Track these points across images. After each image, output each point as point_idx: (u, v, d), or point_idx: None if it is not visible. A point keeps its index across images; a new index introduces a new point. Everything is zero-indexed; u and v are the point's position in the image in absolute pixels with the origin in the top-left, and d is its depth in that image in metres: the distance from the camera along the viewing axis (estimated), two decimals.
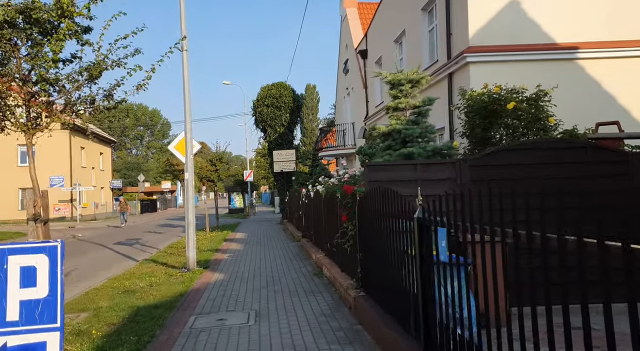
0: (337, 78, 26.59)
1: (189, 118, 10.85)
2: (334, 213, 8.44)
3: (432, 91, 11.77)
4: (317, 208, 11.34)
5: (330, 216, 8.99)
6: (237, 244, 15.87)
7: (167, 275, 10.40)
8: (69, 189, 37.19)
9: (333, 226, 8.70)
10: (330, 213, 8.96)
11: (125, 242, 20.59)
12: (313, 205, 12.06)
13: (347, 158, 24.20)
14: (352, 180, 10.22)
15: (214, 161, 23.75)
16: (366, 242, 5.92)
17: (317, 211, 11.37)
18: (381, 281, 5.21)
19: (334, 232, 8.56)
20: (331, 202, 8.83)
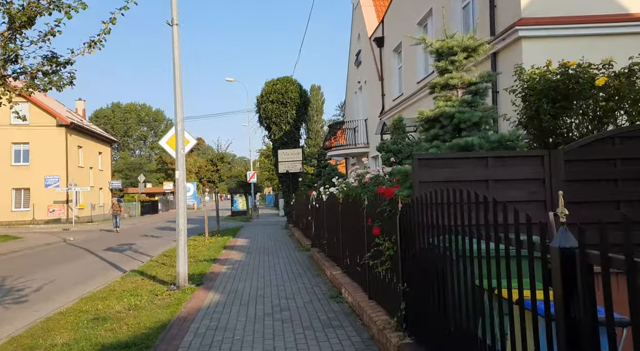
0: (347, 72, 24.83)
1: (180, 107, 9.10)
2: (358, 223, 6.67)
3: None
4: (331, 214, 9.56)
5: (352, 225, 7.21)
6: (237, 253, 14.10)
7: (151, 293, 8.65)
8: (64, 190, 35.55)
9: (356, 238, 6.92)
10: (352, 222, 7.18)
11: (117, 247, 18.89)
12: (326, 210, 10.28)
13: (358, 158, 22.42)
14: (374, 182, 8.44)
15: (214, 161, 22.02)
16: (417, 268, 4.14)
17: (331, 218, 9.59)
18: (453, 333, 3.41)
19: (358, 247, 6.77)
20: (353, 209, 7.05)
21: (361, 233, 6.48)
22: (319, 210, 11.43)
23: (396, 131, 10.09)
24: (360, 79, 21.19)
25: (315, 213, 12.32)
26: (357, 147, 20.48)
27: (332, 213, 9.34)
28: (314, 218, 12.49)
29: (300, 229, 17.62)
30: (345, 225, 7.85)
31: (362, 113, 21.63)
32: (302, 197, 17.17)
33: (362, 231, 6.37)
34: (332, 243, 9.53)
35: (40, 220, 35.42)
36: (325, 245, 10.38)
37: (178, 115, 9.05)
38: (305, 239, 15.07)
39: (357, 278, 7.00)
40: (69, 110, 45.06)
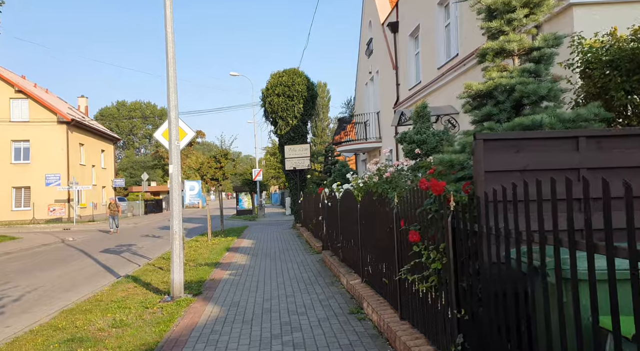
0: (357, 63, 23.60)
1: (174, 91, 7.94)
2: (384, 225, 5.49)
3: None
4: (347, 214, 8.39)
5: (375, 228, 6.03)
6: (242, 256, 12.96)
7: (142, 306, 7.52)
8: (65, 188, 34.59)
9: (381, 244, 5.75)
10: (375, 224, 6.00)
11: (115, 248, 17.85)
12: (340, 210, 9.11)
13: (369, 153, 21.23)
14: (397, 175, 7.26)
15: (218, 157, 20.94)
16: (484, 291, 2.96)
17: (347, 218, 8.42)
18: None
19: (384, 254, 5.60)
20: (376, 208, 5.88)
21: (389, 238, 5.30)
22: (332, 209, 10.26)
23: (420, 119, 8.90)
24: (371, 69, 19.97)
25: (326, 212, 11.15)
26: (369, 141, 19.27)
27: (349, 213, 8.16)
28: (326, 218, 11.32)
29: (309, 229, 16.47)
30: (366, 227, 6.67)
31: (373, 106, 20.41)
32: (311, 195, 16.02)
33: (391, 235, 5.19)
34: (348, 247, 8.35)
35: (40, 219, 34.50)
36: (340, 249, 9.21)
37: (171, 101, 7.90)
38: (315, 240, 13.91)
39: (382, 291, 5.82)
40: (70, 107, 44.15)
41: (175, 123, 7.92)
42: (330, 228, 10.64)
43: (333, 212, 10.07)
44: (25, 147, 35.52)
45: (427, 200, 3.86)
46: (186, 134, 10.72)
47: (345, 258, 8.80)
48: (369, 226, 6.41)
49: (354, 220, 7.56)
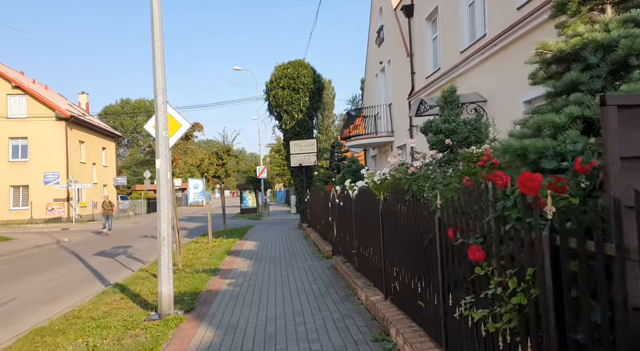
0: (366, 53, 22.34)
1: (162, 71, 6.75)
2: (419, 233, 4.29)
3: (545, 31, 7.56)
4: (364, 216, 7.18)
5: (405, 236, 4.82)
6: (244, 260, 11.79)
7: (124, 325, 6.37)
8: (64, 187, 33.56)
9: (416, 256, 4.54)
10: (405, 231, 4.79)
11: (110, 251, 16.77)
12: (356, 210, 7.91)
13: (380, 149, 20.01)
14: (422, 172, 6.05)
15: (220, 154, 19.80)
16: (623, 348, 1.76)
17: (364, 221, 7.21)
18: None
19: (420, 269, 4.39)
20: (405, 211, 4.67)
21: (428, 251, 4.10)
22: (344, 209, 9.05)
23: (447, 105, 7.68)
24: (382, 59, 18.73)
25: (338, 213, 9.96)
26: (379, 136, 18.04)
27: (367, 214, 6.95)
28: (336, 219, 10.13)
29: (317, 230, 15.28)
30: (391, 233, 5.46)
31: (384, 97, 19.17)
32: (319, 193, 14.82)
33: (431, 247, 3.99)
34: (366, 254, 7.15)
35: (39, 219, 33.50)
36: (355, 256, 8.00)
37: (158, 82, 6.70)
38: (324, 243, 12.72)
39: (416, 316, 4.62)
40: (70, 104, 43.13)
41: (162, 110, 6.73)
42: (343, 230, 9.44)
43: (346, 213, 8.87)
44: (23, 145, 34.53)
45: (500, 203, 2.65)
46: (180, 126, 9.56)
47: (361, 267, 7.60)
48: (396, 232, 5.20)
49: (375, 224, 6.35)
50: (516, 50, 8.68)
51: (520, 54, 8.58)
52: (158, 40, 6.61)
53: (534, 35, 8.08)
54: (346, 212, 8.82)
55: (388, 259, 5.67)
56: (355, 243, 7.97)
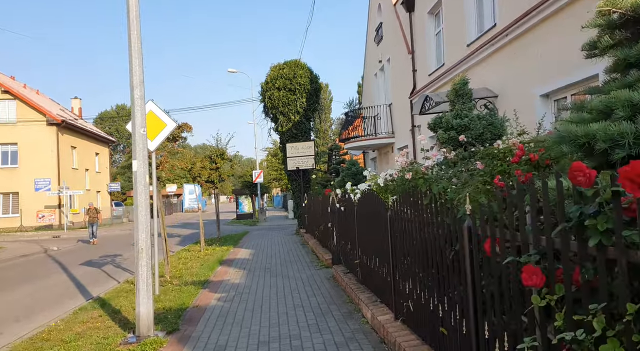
0: (365, 52, 21.63)
1: (138, 61, 5.96)
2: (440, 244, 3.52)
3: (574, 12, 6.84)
4: (369, 222, 6.41)
5: (420, 245, 4.04)
6: (236, 271, 10.98)
7: (96, 350, 5.57)
8: (55, 193, 32.67)
9: (434, 272, 3.76)
10: (420, 240, 4.02)
11: (98, 260, 15.94)
12: (359, 216, 7.13)
13: (380, 151, 19.26)
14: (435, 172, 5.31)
15: (213, 157, 18.98)
16: None
17: (369, 227, 6.44)
18: None
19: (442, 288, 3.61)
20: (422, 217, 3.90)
21: (454, 267, 3.33)
22: (345, 215, 8.27)
23: (459, 99, 6.93)
24: (381, 58, 18.02)
25: (338, 218, 9.18)
26: (379, 137, 17.29)
27: (372, 220, 6.17)
28: (336, 225, 9.36)
29: (315, 236, 14.49)
30: (403, 243, 4.68)
31: (383, 97, 18.45)
32: (317, 197, 14.05)
33: (457, 262, 3.22)
34: (371, 265, 6.36)
35: (29, 226, 32.58)
36: (358, 267, 7.21)
37: (134, 75, 5.91)
38: (323, 250, 11.93)
39: (437, 344, 3.83)
40: (62, 109, 42.28)
41: (139, 105, 5.94)
42: (343, 238, 8.66)
43: (347, 219, 8.09)
44: (13, 150, 33.66)
45: (575, 209, 1.88)
46: (165, 126, 8.83)
47: (366, 280, 6.81)
48: (410, 241, 4.43)
49: (381, 231, 5.58)
50: (531, 39, 7.96)
51: (536, 44, 7.86)
52: (134, 26, 5.84)
53: (553, 21, 7.35)
54: (348, 217, 8.04)
55: (399, 273, 4.89)
56: (358, 252, 7.19)
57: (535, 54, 7.80)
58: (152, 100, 8.98)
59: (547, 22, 7.43)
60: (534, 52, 7.86)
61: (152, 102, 8.96)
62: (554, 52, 7.38)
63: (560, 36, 7.06)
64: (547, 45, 7.52)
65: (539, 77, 7.69)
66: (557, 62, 7.27)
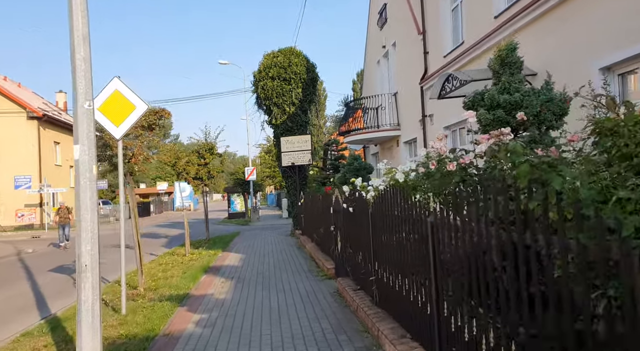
0: (366, 39, 20.04)
1: (81, 10, 4.34)
2: (546, 273, 1.95)
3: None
4: (390, 229, 4.84)
5: (514, 275, 2.50)
6: (223, 281, 9.39)
7: None
8: (35, 191, 30.85)
9: (531, 312, 2.19)
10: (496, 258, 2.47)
11: (72, 264, 14.30)
12: (374, 220, 5.56)
13: (382, 145, 17.73)
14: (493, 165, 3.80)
15: (202, 152, 17.36)
16: None
17: (389, 235, 4.87)
18: None
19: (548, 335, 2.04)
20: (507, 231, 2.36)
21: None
22: (355, 217, 6.70)
23: (506, 69, 5.39)
24: (385, 43, 16.47)
25: (344, 222, 7.62)
26: (382, 129, 15.74)
27: (395, 226, 4.62)
28: (342, 229, 7.80)
29: (314, 240, 12.93)
30: (463, 261, 3.12)
31: (387, 86, 16.90)
32: (316, 196, 12.47)
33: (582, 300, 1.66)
34: (396, 287, 4.79)
35: (8, 226, 30.72)
36: (375, 285, 5.65)
37: (76, 29, 4.30)
38: (323, 256, 10.38)
39: None
40: (46, 102, 40.31)
41: (83, 70, 4.33)
42: (351, 245, 7.11)
43: (358, 222, 6.53)
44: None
45: None
46: (134, 108, 7.25)
47: (386, 303, 5.25)
48: (479, 262, 2.87)
49: (416, 242, 4.02)
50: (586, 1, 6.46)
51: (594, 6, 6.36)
52: None
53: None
54: (358, 220, 6.48)
55: (451, 303, 3.34)
56: (374, 265, 5.63)
57: (594, 18, 6.30)
58: (118, 77, 7.40)
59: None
60: (591, 16, 6.36)
61: (119, 79, 7.37)
62: (618, 14, 5.88)
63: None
64: (609, 5, 6.02)
65: (599, 47, 6.19)
66: (623, 26, 5.77)
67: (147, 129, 8.80)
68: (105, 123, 7.29)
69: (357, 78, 66.43)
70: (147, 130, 8.78)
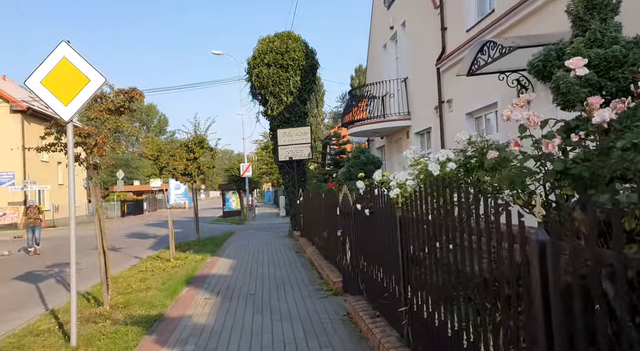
0: (370, 22, 18.41)
1: None
2: None
3: None
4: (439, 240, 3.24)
5: None
6: (207, 299, 7.77)
7: None
8: (19, 188, 29.15)
9: None
10: None
11: (43, 270, 12.82)
12: (407, 229, 3.96)
13: (390, 138, 16.14)
14: None
15: (191, 146, 15.77)
16: None
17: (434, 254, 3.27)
18: None
19: None
20: None
21: None
22: (374, 222, 5.10)
23: (594, 13, 3.80)
24: (393, 23, 14.86)
25: (356, 227, 6.02)
26: (390, 119, 14.13)
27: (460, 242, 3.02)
28: (354, 235, 6.20)
29: (315, 244, 11.35)
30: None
31: (395, 72, 15.30)
32: (317, 194, 10.85)
33: None
34: (447, 326, 3.20)
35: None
36: (408, 318, 4.05)
37: None
38: (328, 267, 8.78)
39: None
40: (32, 96, 38.57)
41: None
42: (368, 256, 5.52)
43: (377, 228, 4.93)
44: None
45: None
46: (87, 81, 5.72)
47: (425, 345, 3.66)
48: None
49: (512, 270, 2.43)
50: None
51: None
52: None
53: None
54: (378, 226, 4.88)
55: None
56: (406, 290, 4.04)
57: None
58: (67, 42, 5.77)
59: None
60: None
61: (68, 44, 5.75)
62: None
63: None
64: None
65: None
66: None
67: (114, 113, 7.18)
68: (50, 101, 5.70)
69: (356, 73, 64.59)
70: (114, 114, 7.16)
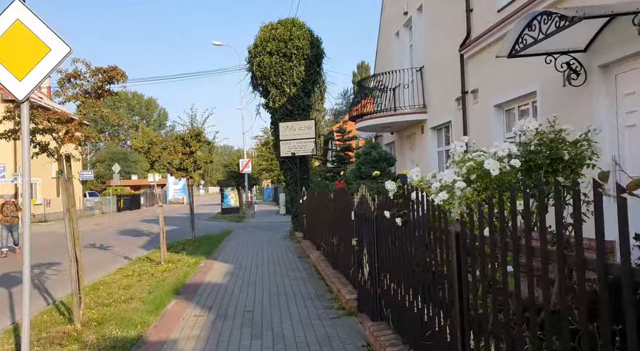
0: (381, 9, 17.20)
1: None
2: None
3: None
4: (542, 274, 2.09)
5: None
6: (196, 315, 6.62)
7: None
8: (9, 181, 28.05)
9: None
10: None
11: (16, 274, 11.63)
12: (462, 250, 2.81)
13: (401, 134, 14.98)
14: None
15: (187, 139, 14.66)
16: None
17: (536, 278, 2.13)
18: None
19: None
20: None
21: None
22: (409, 235, 3.97)
23: None
24: (407, 8, 13.67)
25: (380, 237, 4.88)
26: (403, 113, 12.97)
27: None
28: (376, 247, 5.06)
29: (320, 249, 10.20)
30: None
31: (408, 62, 14.12)
32: (324, 194, 9.69)
33: None
34: None
35: None
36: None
37: None
38: (339, 279, 7.63)
39: None
40: None
41: None
42: (397, 276, 4.38)
43: (414, 243, 3.79)
44: None
45: None
46: (48, 50, 4.66)
47: None
48: None
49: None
50: None
51: None
52: None
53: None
54: (417, 241, 3.74)
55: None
56: (466, 335, 2.91)
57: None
58: (22, 1, 4.61)
59: None
60: None
61: (23, 3, 4.59)
62: None
63: None
64: None
65: None
66: None
67: (94, 96, 6.03)
68: (0, 75, 4.54)
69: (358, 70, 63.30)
70: (91, 97, 6.01)
